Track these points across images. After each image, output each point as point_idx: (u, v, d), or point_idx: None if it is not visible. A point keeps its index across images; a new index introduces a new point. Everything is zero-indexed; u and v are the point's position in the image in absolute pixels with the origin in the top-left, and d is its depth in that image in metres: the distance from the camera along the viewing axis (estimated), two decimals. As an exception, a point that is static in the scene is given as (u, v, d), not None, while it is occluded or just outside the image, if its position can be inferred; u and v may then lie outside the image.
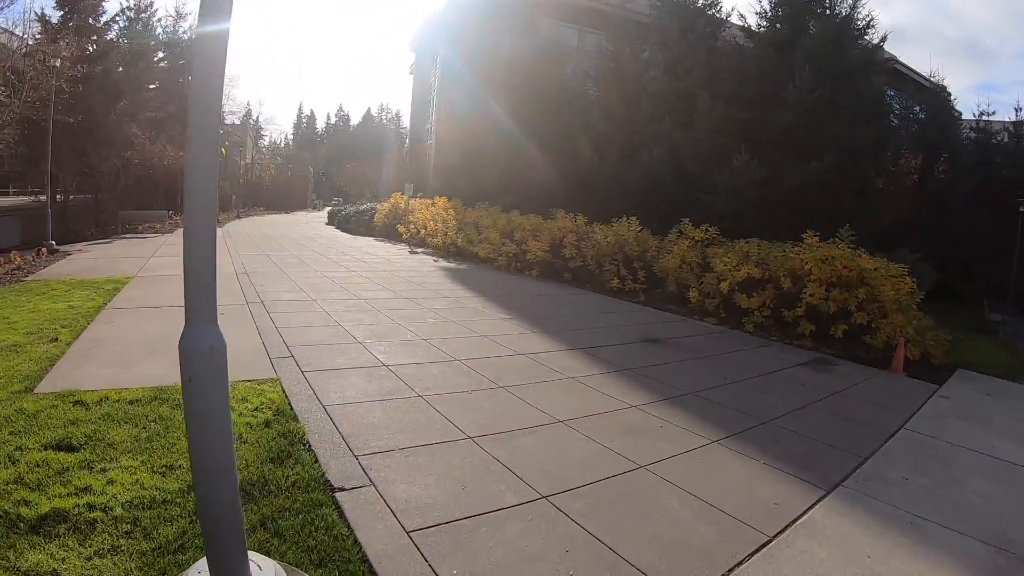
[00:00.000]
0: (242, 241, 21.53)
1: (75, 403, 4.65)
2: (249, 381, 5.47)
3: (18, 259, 14.53)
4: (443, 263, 17.00)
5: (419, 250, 20.29)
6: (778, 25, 18.10)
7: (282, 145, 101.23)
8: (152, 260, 14.89)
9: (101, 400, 4.73)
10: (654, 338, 8.79)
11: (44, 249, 16.48)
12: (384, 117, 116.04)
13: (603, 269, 13.85)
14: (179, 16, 39.95)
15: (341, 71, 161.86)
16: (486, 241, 17.10)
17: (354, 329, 7.87)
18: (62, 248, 17.55)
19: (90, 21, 27.78)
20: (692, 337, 9.25)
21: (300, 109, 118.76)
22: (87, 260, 15.02)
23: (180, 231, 21.48)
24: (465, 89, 29.16)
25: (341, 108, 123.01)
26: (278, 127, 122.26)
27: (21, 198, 24.89)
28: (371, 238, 25.62)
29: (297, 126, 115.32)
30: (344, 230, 30.14)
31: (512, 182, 23.42)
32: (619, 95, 21.64)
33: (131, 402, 4.74)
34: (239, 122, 63.98)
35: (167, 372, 5.41)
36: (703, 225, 13.03)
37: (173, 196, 36.26)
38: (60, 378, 5.28)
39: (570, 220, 16.01)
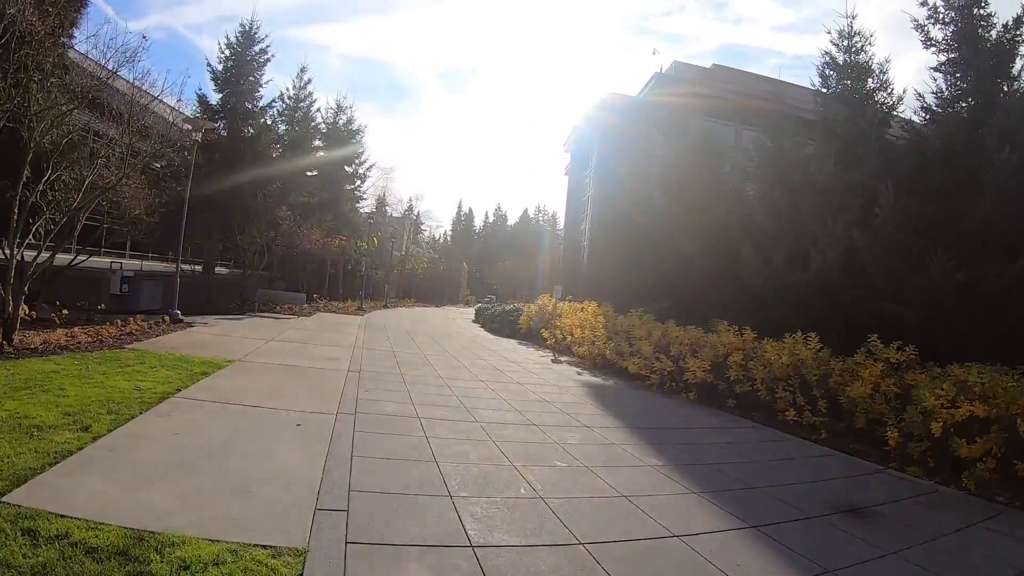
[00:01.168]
0: (376, 333, 21.34)
1: (24, 532, 3.59)
2: (262, 548, 3.96)
3: (135, 324, 14.84)
4: (587, 377, 15.47)
5: (563, 359, 18.96)
6: (961, 103, 15.85)
7: (440, 241, 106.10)
8: (269, 344, 14.73)
9: (58, 536, 3.62)
10: (851, 506, 6.61)
11: (167, 317, 16.84)
12: (540, 218, 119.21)
13: (775, 396, 11.69)
14: (339, 109, 43.25)
15: (501, 171, 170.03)
16: (638, 355, 15.43)
17: (451, 471, 6.24)
18: (189, 319, 18.06)
19: (247, 105, 30.14)
20: (900, 503, 6.90)
21: (459, 206, 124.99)
22: (203, 335, 15.14)
23: (317, 315, 21.72)
24: (619, 191, 29.17)
25: (499, 208, 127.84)
26: (437, 222, 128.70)
27: (164, 264, 26.59)
28: (514, 340, 24.70)
29: (456, 222, 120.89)
30: (489, 330, 29.59)
31: (667, 287, 22.08)
32: (782, 190, 19.89)
33: (90, 550, 3.54)
34: (399, 215, 67.63)
35: (171, 507, 4.29)
36: (893, 343, 10.56)
37: (322, 278, 38.08)
38: (45, 486, 4.38)
39: (734, 335, 14.06)
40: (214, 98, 30.04)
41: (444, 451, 7.00)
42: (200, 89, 36.28)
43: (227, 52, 30.52)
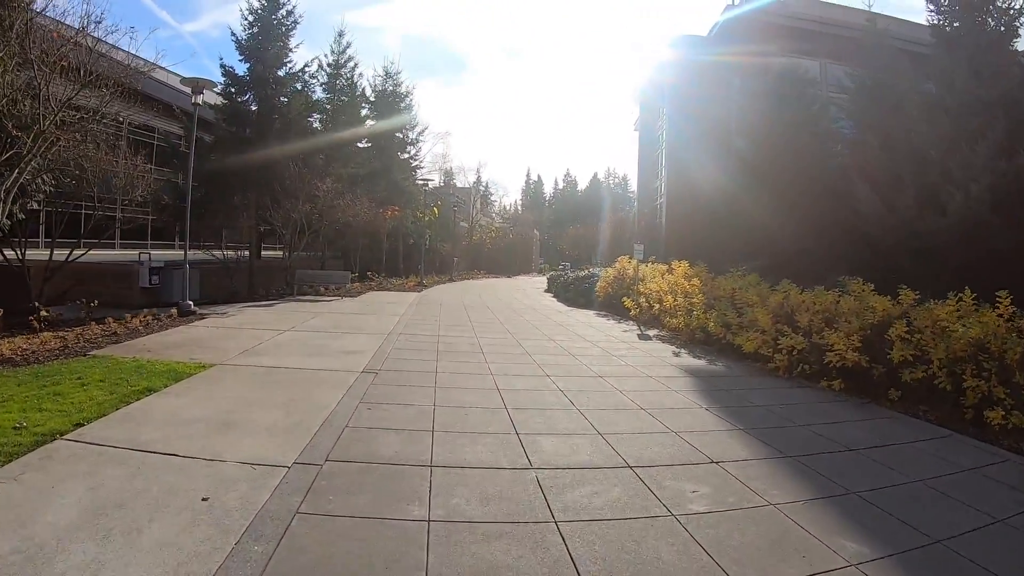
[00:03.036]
0: (427, 312, 18.21)
1: None
2: None
3: (138, 321, 12.94)
4: (687, 359, 11.75)
5: (651, 333, 15.29)
6: None
7: (511, 210, 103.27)
8: (281, 336, 11.97)
9: None
10: None
11: (175, 311, 14.58)
12: (611, 181, 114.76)
13: (962, 386, 7.80)
14: (387, 76, 40.12)
15: (569, 136, 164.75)
16: (751, 326, 11.66)
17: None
18: (209, 309, 15.94)
19: (277, 72, 27.46)
20: None
21: (528, 174, 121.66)
22: (206, 329, 12.54)
23: (368, 295, 18.62)
24: (695, 141, 28.26)
25: (568, 173, 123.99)
26: (505, 192, 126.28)
27: (200, 251, 24.40)
28: (591, 312, 21.12)
29: (525, 191, 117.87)
30: (562, 300, 26.09)
31: (762, 242, 19.34)
32: (896, 120, 17.36)
33: None
34: (465, 185, 64.62)
35: None
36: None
37: (378, 254, 35.30)
38: None
39: (886, 300, 10.17)
40: (241, 69, 27.52)
41: (456, 541, 3.71)
42: (223, 59, 34.00)
43: (250, 19, 27.79)
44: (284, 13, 28.27)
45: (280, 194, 24.12)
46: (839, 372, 9.69)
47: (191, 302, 15.31)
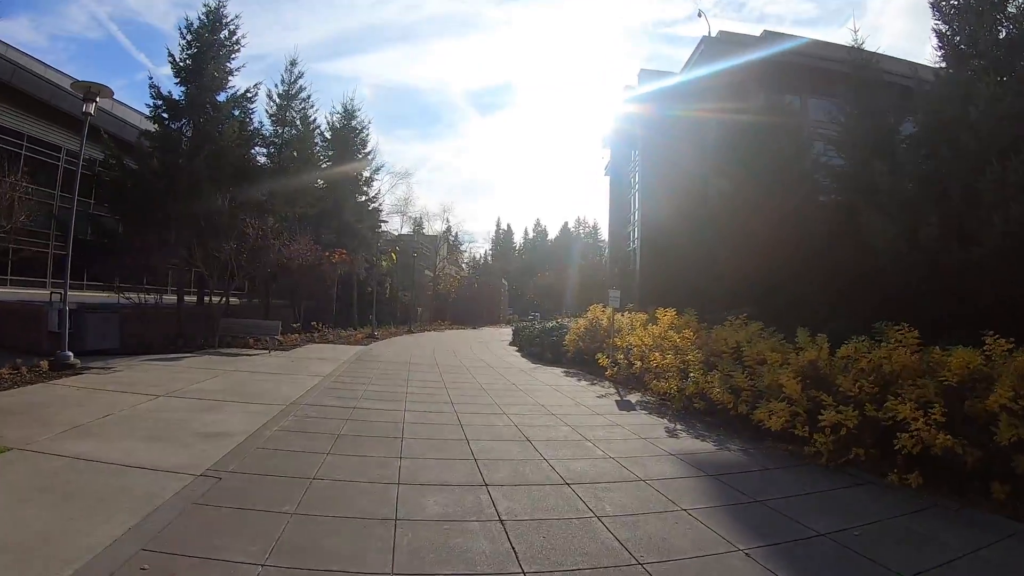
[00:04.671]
0: (360, 373, 14.83)
1: None
2: None
3: None
4: (687, 440, 8.58)
5: (633, 399, 12.18)
6: None
7: (481, 260, 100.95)
8: (148, 403, 9.28)
9: None
10: None
11: (46, 363, 11.93)
12: (582, 230, 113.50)
13: None
14: (346, 113, 37.36)
15: (539, 186, 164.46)
16: (772, 394, 8.63)
17: None
18: (100, 361, 13.59)
19: (216, 98, 24.50)
20: None
21: (498, 223, 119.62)
22: (68, 391, 10.10)
23: (303, 347, 14.72)
24: (670, 180, 27.22)
25: (538, 223, 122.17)
26: (475, 243, 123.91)
27: (122, 295, 21.07)
28: (559, 370, 17.94)
29: (495, 241, 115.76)
30: (528, 355, 22.90)
31: (749, 287, 17.32)
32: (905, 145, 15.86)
33: None
34: (432, 233, 61.70)
35: None
36: None
37: (327, 302, 31.84)
38: None
39: (968, 352, 7.24)
40: (177, 92, 24.40)
41: None
42: (152, 78, 30.88)
43: (188, 38, 24.82)
44: (226, 34, 25.44)
45: (206, 232, 20.88)
46: (910, 459, 6.71)
47: (71, 353, 12.42)
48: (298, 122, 33.10)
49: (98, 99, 13.47)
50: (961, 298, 12.71)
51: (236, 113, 25.56)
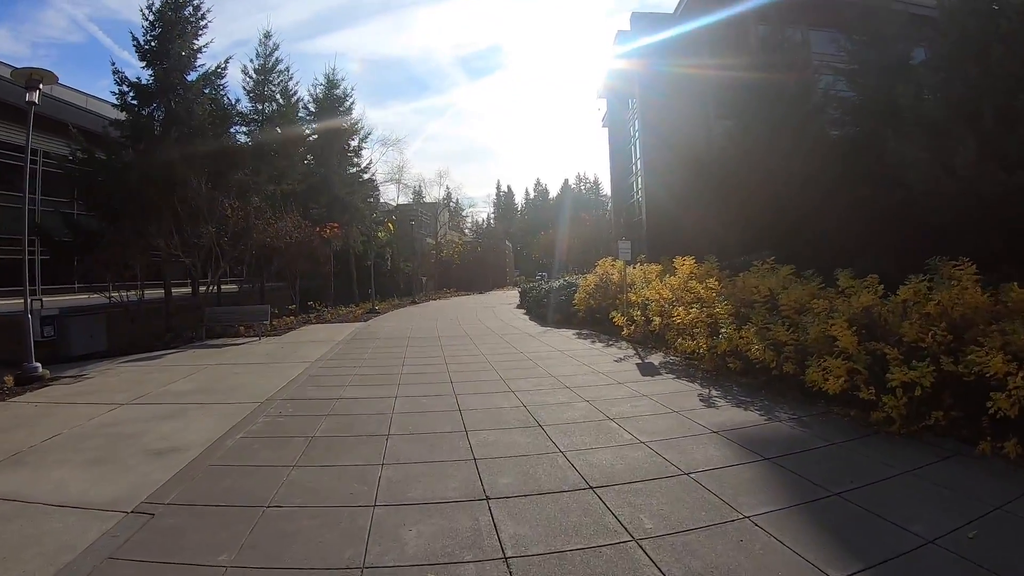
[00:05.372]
0: (353, 354, 13.62)
1: None
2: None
3: None
4: (727, 410, 7.26)
5: (655, 360, 10.93)
6: None
7: (484, 224, 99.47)
8: (108, 413, 8.16)
9: None
10: None
11: (11, 378, 10.81)
12: (583, 187, 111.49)
13: None
14: (330, 83, 35.58)
15: (538, 145, 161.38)
16: (821, 347, 7.31)
17: None
18: (76, 368, 12.49)
19: (185, 78, 23.02)
20: None
21: (498, 186, 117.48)
22: (23, 407, 8.79)
23: (299, 330, 14.34)
24: (670, 127, 26.85)
25: (539, 182, 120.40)
26: (476, 208, 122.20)
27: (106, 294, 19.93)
28: (570, 331, 16.68)
29: (496, 204, 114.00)
30: (536, 318, 21.67)
31: (765, 230, 16.12)
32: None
33: None
34: (432, 200, 60.04)
35: None
36: None
37: (324, 280, 30.64)
38: None
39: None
40: (144, 76, 22.81)
41: None
42: (114, 63, 29.29)
43: (151, 18, 23.06)
44: (191, 10, 23.68)
45: (184, 218, 19.52)
46: (1003, 423, 5.45)
47: (39, 364, 11.20)
48: (278, 97, 31.49)
49: (42, 87, 12.20)
50: (1008, 229, 11.40)
51: (208, 92, 24.07)
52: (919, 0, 17.33)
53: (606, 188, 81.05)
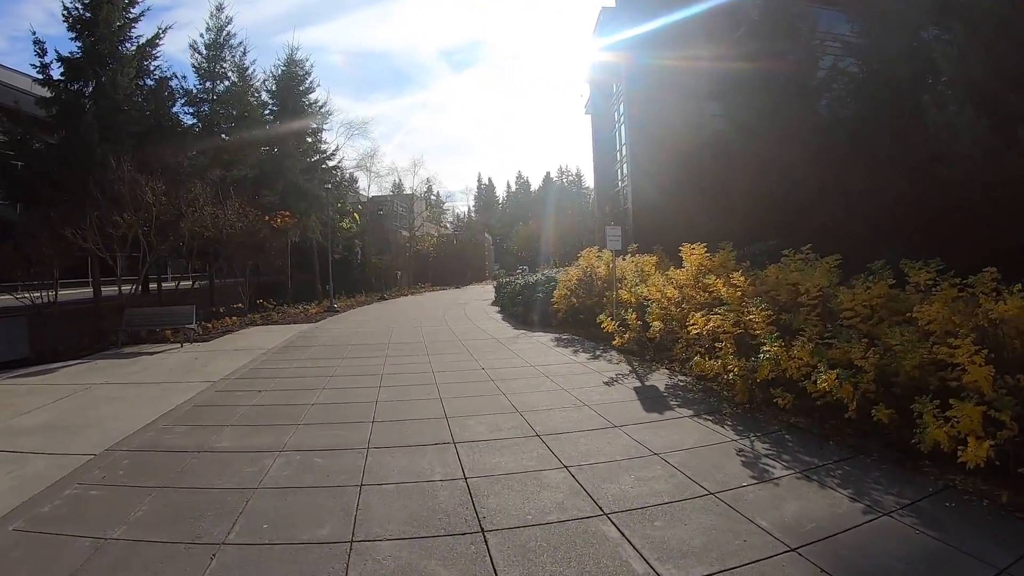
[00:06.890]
0: (277, 367, 10.61)
1: None
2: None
3: None
4: (797, 495, 4.47)
5: (660, 382, 8.22)
6: None
7: (464, 218, 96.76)
8: None
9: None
10: None
11: None
12: (565, 179, 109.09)
13: None
14: (291, 61, 32.57)
15: (519, 138, 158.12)
16: (930, 383, 4.66)
17: None
18: None
19: (121, 49, 20.18)
20: None
21: (479, 178, 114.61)
22: None
23: (238, 332, 12.21)
24: (661, 105, 25.39)
25: (520, 175, 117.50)
26: (451, 196, 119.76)
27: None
28: (548, 336, 13.94)
29: (478, 196, 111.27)
30: (511, 317, 18.94)
31: (770, 217, 14.89)
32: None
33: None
34: (413, 189, 56.84)
35: None
36: None
37: (280, 274, 27.88)
38: None
39: None
40: (72, 48, 19.86)
41: None
42: (35, 33, 26.14)
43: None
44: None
45: (105, 206, 16.58)
46: None
47: None
48: (231, 75, 28.19)
49: None
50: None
51: (145, 64, 21.19)
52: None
53: (589, 180, 78.71)
